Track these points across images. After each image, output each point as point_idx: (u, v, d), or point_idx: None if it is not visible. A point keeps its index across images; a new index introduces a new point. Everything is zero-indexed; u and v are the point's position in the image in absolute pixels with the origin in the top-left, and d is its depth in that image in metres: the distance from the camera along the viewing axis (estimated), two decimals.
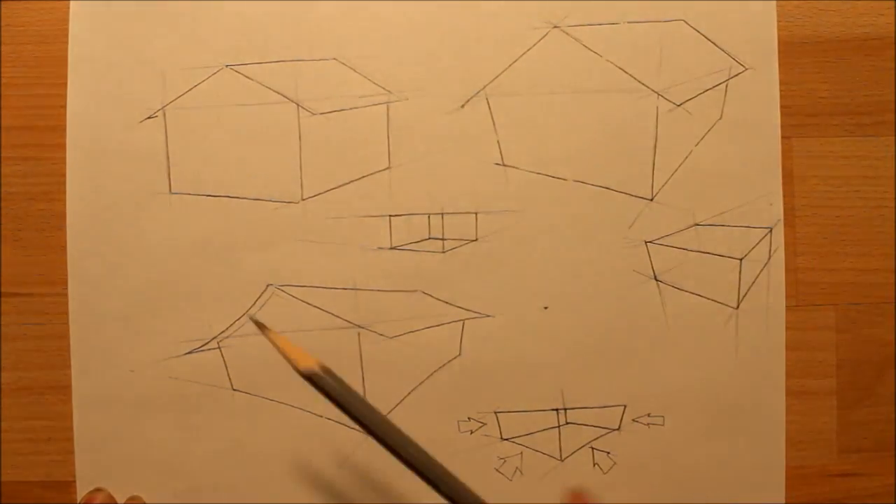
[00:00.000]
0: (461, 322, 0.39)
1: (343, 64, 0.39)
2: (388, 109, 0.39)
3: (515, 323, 0.39)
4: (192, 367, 0.39)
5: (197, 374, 0.39)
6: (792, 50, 0.39)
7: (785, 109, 0.39)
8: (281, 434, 0.39)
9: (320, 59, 0.39)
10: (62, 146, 0.39)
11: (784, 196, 0.39)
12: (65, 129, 0.39)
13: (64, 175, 0.39)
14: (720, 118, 0.39)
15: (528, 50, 0.39)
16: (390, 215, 0.39)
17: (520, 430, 0.39)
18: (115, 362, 0.39)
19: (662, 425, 0.39)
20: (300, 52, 0.39)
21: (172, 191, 0.39)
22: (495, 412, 0.39)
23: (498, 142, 0.39)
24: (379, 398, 0.39)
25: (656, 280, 0.39)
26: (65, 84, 0.39)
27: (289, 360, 0.30)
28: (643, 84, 0.39)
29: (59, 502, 0.39)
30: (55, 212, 0.39)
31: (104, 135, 0.39)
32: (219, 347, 0.39)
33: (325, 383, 0.30)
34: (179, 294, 0.39)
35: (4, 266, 0.39)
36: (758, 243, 0.39)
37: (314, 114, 0.39)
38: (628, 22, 0.39)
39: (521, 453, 0.39)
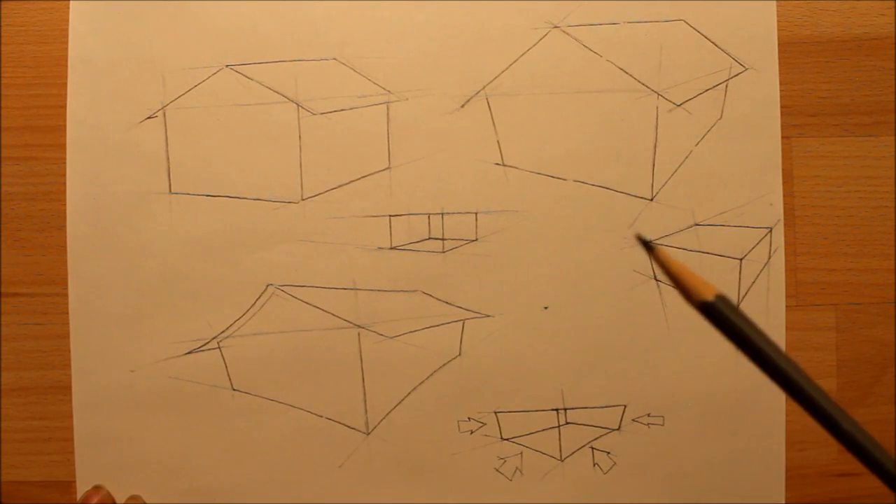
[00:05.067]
0: (461, 322, 0.39)
1: (343, 64, 0.39)
2: (388, 109, 0.39)
3: (515, 323, 0.39)
4: (192, 367, 0.39)
5: (197, 374, 0.39)
6: (792, 50, 0.39)
7: (785, 109, 0.39)
8: (281, 434, 0.39)
9: (320, 59, 0.39)
10: (62, 146, 0.39)
11: (784, 196, 0.39)
12: (65, 129, 0.39)
13: (64, 175, 0.39)
14: (720, 118, 0.39)
15: (528, 50, 0.39)
16: (390, 215, 0.39)
17: (520, 430, 0.39)
18: (115, 362, 0.39)
19: (662, 425, 0.39)
20: (300, 52, 0.39)
21: (172, 191, 0.39)
22: (495, 412, 0.39)
23: (498, 142, 0.39)
24: (379, 398, 0.39)
25: (656, 280, 0.39)
26: (65, 84, 0.39)
27: (682, 290, 0.26)
28: (643, 84, 0.39)
29: (59, 502, 0.39)
30: (55, 212, 0.39)
31: (104, 135, 0.39)
32: (219, 347, 0.39)
33: (720, 316, 0.26)
34: (179, 294, 0.39)
35: (4, 266, 0.39)
36: (758, 243, 0.39)
37: (314, 114, 0.39)
38: (628, 22, 0.39)
39: (521, 453, 0.39)
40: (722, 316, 0.26)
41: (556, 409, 0.39)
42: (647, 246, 0.26)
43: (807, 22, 0.40)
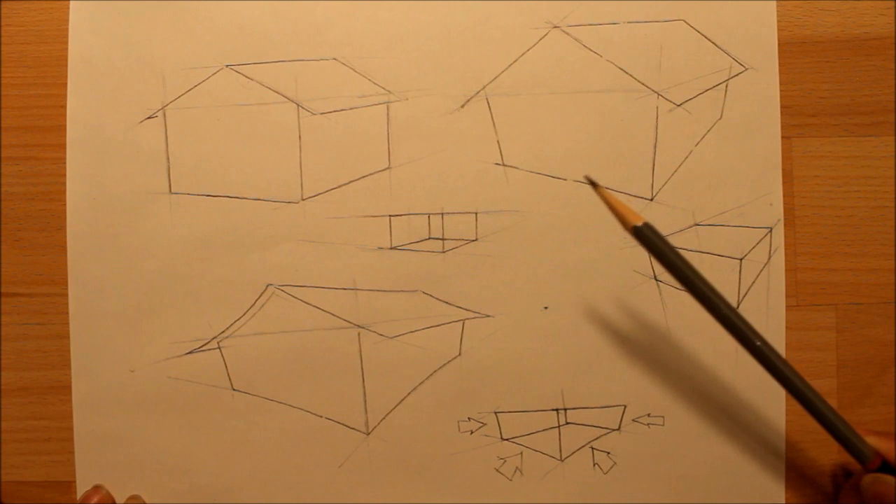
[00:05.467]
0: (461, 322, 0.39)
1: (343, 64, 0.39)
2: (388, 109, 0.39)
3: (515, 323, 0.39)
4: (192, 367, 0.39)
5: (197, 374, 0.39)
6: (792, 50, 0.39)
7: (785, 109, 0.39)
8: (281, 434, 0.39)
9: (320, 59, 0.39)
10: (62, 146, 0.39)
11: (784, 196, 0.39)
12: (65, 129, 0.39)
13: (64, 175, 0.39)
14: (720, 118, 0.39)
15: (528, 50, 0.39)
16: (390, 215, 0.39)
17: (520, 430, 0.39)
18: (115, 362, 0.39)
19: (662, 425, 0.39)
20: (300, 52, 0.39)
21: (172, 191, 0.39)
22: (495, 412, 0.39)
23: (498, 142, 0.39)
24: (379, 398, 0.39)
25: (656, 280, 0.39)
26: (65, 84, 0.39)
27: (617, 216, 0.33)
28: (643, 84, 0.39)
29: (59, 502, 0.39)
30: (55, 212, 0.39)
31: (104, 135, 0.39)
32: (219, 347, 0.39)
33: (649, 239, 0.33)
34: (179, 294, 0.39)
35: (4, 266, 0.39)
36: (758, 243, 0.39)
37: (314, 114, 0.39)
38: (628, 22, 0.39)
39: (521, 453, 0.39)
40: (647, 238, 0.33)
41: (556, 409, 0.39)
42: (593, 184, 0.34)
43: (807, 22, 0.40)
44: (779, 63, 0.39)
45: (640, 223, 0.33)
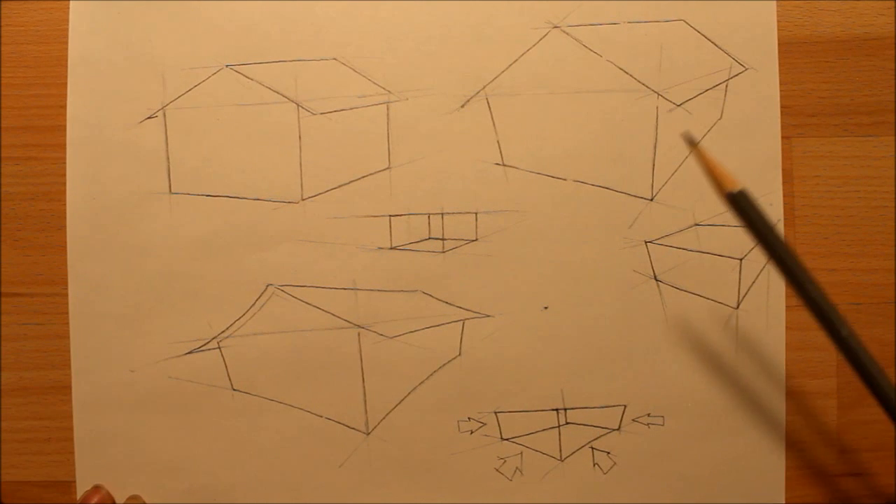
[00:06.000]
0: (461, 322, 0.39)
1: (343, 64, 0.39)
2: (388, 109, 0.39)
3: (515, 323, 0.39)
4: (192, 367, 0.39)
5: (197, 374, 0.39)
6: (792, 50, 0.39)
7: (785, 109, 0.39)
8: (281, 434, 0.39)
9: (320, 59, 0.39)
10: (62, 146, 0.39)
11: (784, 196, 0.39)
12: (65, 129, 0.39)
13: (64, 175, 0.39)
14: (720, 118, 0.39)
15: (528, 50, 0.39)
16: (390, 215, 0.39)
17: (520, 430, 0.39)
18: (115, 362, 0.39)
19: (662, 425, 0.39)
20: (300, 52, 0.39)
21: (172, 191, 0.39)
22: (495, 412, 0.39)
23: (498, 142, 0.39)
24: (379, 398, 0.39)
25: (656, 280, 0.39)
26: (65, 84, 0.39)
27: (712, 180, 0.31)
28: (643, 84, 0.39)
29: (59, 502, 0.39)
30: (55, 212, 0.39)
31: (104, 135, 0.39)
32: (219, 347, 0.39)
33: (743, 207, 0.31)
34: (179, 294, 0.39)
35: (4, 266, 0.39)
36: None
37: (314, 114, 0.39)
38: (628, 22, 0.39)
39: (521, 453, 0.39)
40: (741, 207, 0.31)
41: (556, 409, 0.39)
42: (691, 142, 0.33)
43: (807, 22, 0.40)
44: (779, 63, 0.39)
45: (735, 190, 0.31)
